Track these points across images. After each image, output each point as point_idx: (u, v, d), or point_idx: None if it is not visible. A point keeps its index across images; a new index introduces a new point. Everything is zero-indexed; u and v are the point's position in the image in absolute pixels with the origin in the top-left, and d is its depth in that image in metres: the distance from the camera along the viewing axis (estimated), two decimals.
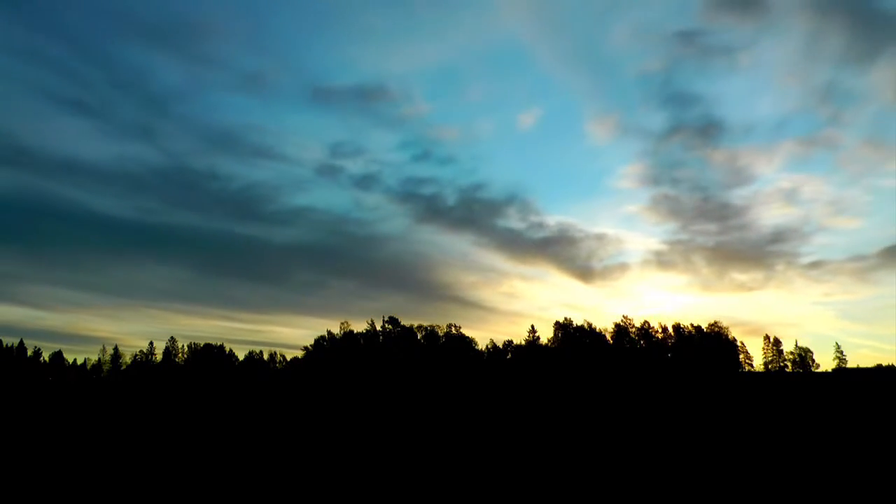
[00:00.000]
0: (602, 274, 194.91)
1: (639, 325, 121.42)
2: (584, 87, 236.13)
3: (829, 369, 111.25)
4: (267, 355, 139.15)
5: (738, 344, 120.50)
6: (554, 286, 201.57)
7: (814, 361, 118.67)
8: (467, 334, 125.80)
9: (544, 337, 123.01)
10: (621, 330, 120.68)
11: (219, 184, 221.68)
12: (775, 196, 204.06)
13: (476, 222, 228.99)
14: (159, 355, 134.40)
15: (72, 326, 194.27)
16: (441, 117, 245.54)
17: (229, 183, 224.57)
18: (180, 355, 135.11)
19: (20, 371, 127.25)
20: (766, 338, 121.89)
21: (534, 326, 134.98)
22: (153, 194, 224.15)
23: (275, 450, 18.90)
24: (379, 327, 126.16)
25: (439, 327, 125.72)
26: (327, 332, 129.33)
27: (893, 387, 55.75)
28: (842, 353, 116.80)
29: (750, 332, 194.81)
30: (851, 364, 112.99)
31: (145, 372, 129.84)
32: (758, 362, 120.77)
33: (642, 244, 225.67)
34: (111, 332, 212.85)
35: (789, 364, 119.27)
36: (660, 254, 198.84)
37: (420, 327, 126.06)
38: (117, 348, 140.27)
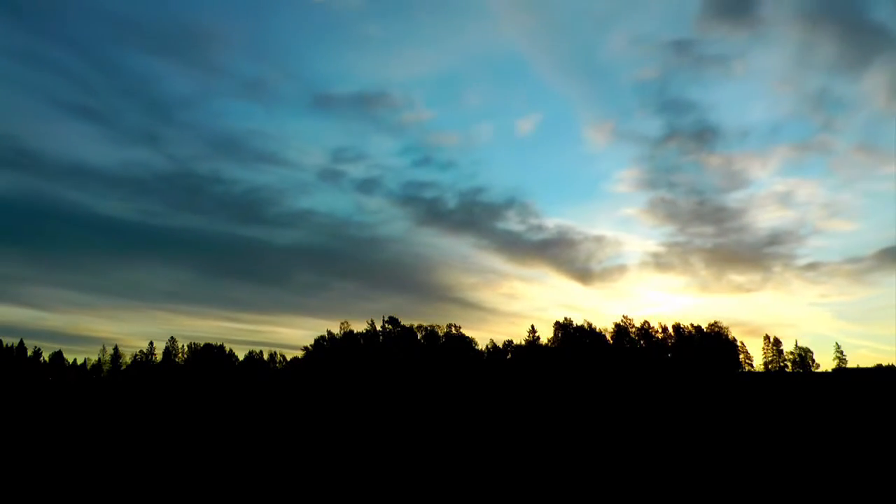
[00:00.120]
0: (601, 275, 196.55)
1: (639, 325, 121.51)
2: (581, 94, 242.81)
3: (829, 369, 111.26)
4: (267, 355, 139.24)
5: (738, 344, 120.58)
6: (553, 287, 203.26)
7: (814, 361, 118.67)
8: (467, 335, 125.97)
9: (544, 337, 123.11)
10: (621, 330, 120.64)
11: (222, 188, 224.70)
12: (770, 199, 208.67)
13: (476, 225, 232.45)
14: (159, 355, 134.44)
15: (73, 327, 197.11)
16: (441, 123, 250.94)
17: (232, 187, 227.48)
18: (180, 355, 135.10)
19: (20, 371, 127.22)
20: (766, 338, 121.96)
21: (534, 326, 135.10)
22: (157, 198, 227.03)
23: (274, 449, 18.88)
24: (379, 327, 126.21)
25: (439, 327, 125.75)
26: (327, 332, 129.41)
27: (893, 387, 55.75)
28: (842, 353, 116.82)
29: (748, 333, 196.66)
30: (851, 364, 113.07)
31: (145, 372, 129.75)
32: (758, 362, 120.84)
33: (640, 246, 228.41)
34: (113, 332, 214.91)
35: (789, 364, 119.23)
36: (658, 256, 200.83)
37: (420, 327, 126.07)
38: (117, 348, 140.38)
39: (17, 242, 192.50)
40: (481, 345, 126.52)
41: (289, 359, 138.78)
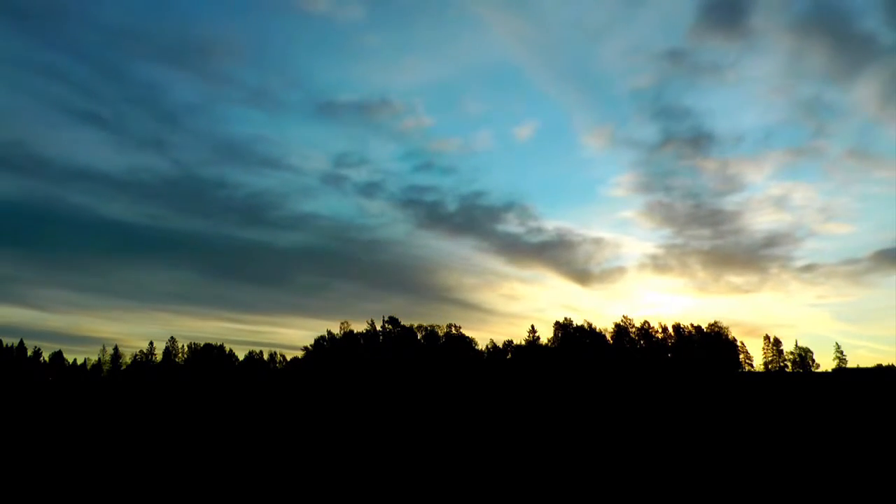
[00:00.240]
0: (600, 277, 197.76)
1: (639, 325, 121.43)
2: (577, 101, 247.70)
3: (829, 369, 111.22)
4: (267, 355, 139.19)
5: (739, 344, 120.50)
6: (553, 289, 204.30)
7: (814, 361, 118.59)
8: (467, 335, 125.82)
9: (544, 337, 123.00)
10: (621, 330, 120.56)
11: (226, 191, 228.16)
12: (766, 203, 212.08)
13: (476, 228, 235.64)
14: (159, 355, 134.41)
15: (76, 328, 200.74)
16: (441, 130, 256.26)
17: (236, 191, 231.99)
18: (180, 355, 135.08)
19: (20, 371, 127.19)
20: (766, 338, 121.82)
21: (534, 326, 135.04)
22: (162, 201, 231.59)
23: (274, 449, 18.86)
24: (379, 327, 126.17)
25: (439, 327, 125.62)
26: (327, 332, 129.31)
27: (894, 387, 55.74)
28: (842, 353, 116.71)
29: (747, 333, 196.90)
30: (851, 364, 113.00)
31: (145, 372, 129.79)
32: (758, 362, 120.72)
33: (638, 248, 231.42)
34: (115, 333, 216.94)
35: (789, 364, 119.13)
36: (656, 257, 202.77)
37: (420, 327, 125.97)
38: (117, 348, 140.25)
39: (21, 245, 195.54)
40: (481, 345, 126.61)
41: (289, 359, 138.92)
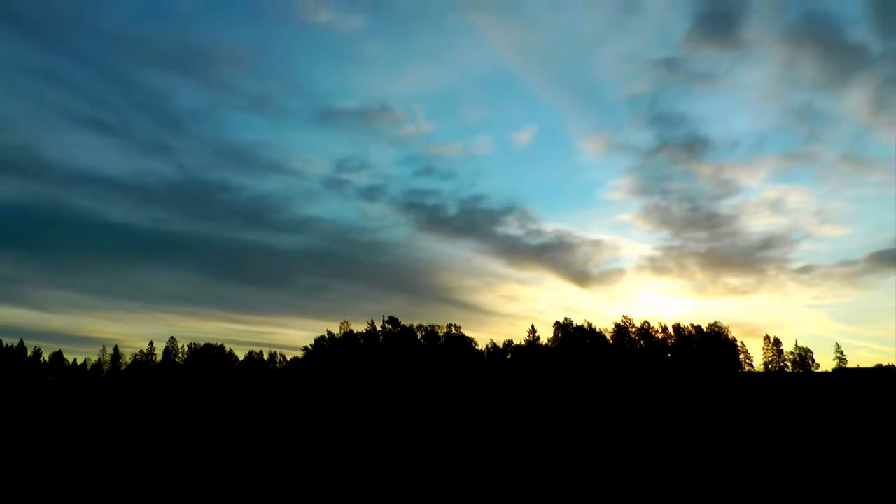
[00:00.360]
0: (598, 279, 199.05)
1: (639, 325, 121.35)
2: (574, 108, 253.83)
3: (829, 369, 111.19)
4: (267, 355, 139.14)
5: (739, 344, 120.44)
6: (552, 290, 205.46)
7: (814, 361, 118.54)
8: (467, 335, 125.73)
9: (544, 337, 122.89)
10: (621, 330, 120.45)
11: (229, 195, 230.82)
12: (762, 206, 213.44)
13: (476, 230, 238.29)
14: (160, 355, 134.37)
15: (78, 329, 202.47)
16: (441, 136, 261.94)
17: (239, 194, 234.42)
18: (180, 355, 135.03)
19: (20, 371, 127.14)
20: (766, 338, 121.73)
21: (534, 326, 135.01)
22: (166, 205, 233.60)
23: (274, 449, 18.85)
24: (379, 327, 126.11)
25: (439, 327, 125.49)
26: (327, 331, 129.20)
27: (894, 387, 55.73)
28: (842, 353, 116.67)
29: (746, 334, 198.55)
30: (850, 365, 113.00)
31: (145, 372, 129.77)
32: (758, 362, 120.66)
33: (636, 250, 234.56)
34: (117, 334, 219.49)
35: (789, 364, 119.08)
36: (654, 259, 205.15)
37: (420, 327, 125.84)
38: (117, 348, 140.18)
39: (25, 247, 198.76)
40: (481, 345, 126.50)
41: (289, 359, 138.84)
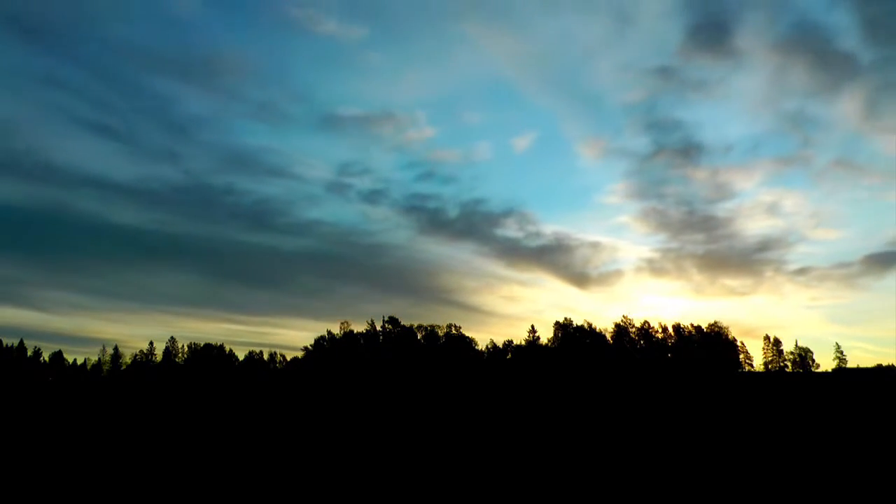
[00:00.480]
0: (597, 280, 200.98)
1: (639, 325, 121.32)
2: (571, 115, 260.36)
3: (829, 369, 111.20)
4: (267, 355, 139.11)
5: (739, 344, 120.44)
6: (552, 291, 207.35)
7: (814, 361, 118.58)
8: (467, 335, 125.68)
9: (544, 337, 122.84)
10: (621, 330, 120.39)
11: (233, 198, 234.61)
12: (757, 209, 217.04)
13: (476, 232, 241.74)
14: (160, 355, 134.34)
15: (80, 330, 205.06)
16: (442, 141, 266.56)
17: (243, 197, 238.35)
18: (180, 355, 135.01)
19: (19, 371, 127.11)
20: (766, 338, 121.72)
21: (534, 326, 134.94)
22: (171, 208, 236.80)
23: (274, 449, 18.84)
24: (379, 327, 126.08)
25: (439, 327, 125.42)
26: (327, 331, 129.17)
27: (894, 387, 55.74)
28: (842, 353, 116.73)
29: (744, 335, 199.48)
30: (848, 365, 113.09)
31: (145, 371, 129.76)
32: (758, 362, 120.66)
33: (634, 252, 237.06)
34: (119, 335, 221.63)
35: (789, 364, 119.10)
36: (652, 261, 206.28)
37: (420, 327, 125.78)
38: (117, 348, 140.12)
39: (28, 249, 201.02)
40: (481, 345, 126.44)
41: (289, 359, 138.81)
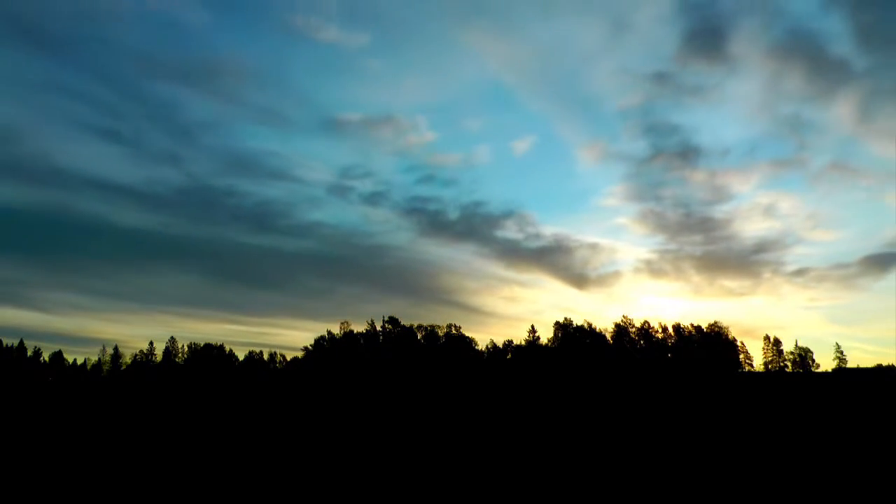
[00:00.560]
0: (597, 281, 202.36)
1: (639, 325, 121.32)
2: (569, 119, 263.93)
3: (829, 369, 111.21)
4: (267, 355, 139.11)
5: (739, 344, 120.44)
6: (551, 292, 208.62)
7: (814, 361, 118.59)
8: (467, 335, 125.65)
9: (544, 337, 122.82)
10: (621, 330, 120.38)
11: (235, 200, 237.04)
12: (755, 211, 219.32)
13: (476, 234, 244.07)
14: (160, 356, 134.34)
15: (81, 330, 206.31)
16: (443, 145, 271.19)
17: (245, 199, 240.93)
18: (180, 355, 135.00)
19: (19, 371, 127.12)
20: (766, 338, 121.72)
21: (534, 326, 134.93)
22: (174, 210, 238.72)
23: (274, 449, 18.84)
24: (379, 327, 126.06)
25: (439, 327, 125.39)
26: (327, 331, 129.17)
27: (894, 387, 55.75)
28: (842, 353, 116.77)
29: (743, 335, 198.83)
30: (848, 365, 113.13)
31: (145, 371, 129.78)
32: (758, 362, 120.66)
33: (633, 254, 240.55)
34: (119, 335, 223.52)
35: (789, 364, 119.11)
36: (651, 262, 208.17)
37: (420, 327, 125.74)
38: (117, 348, 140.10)
39: (30, 250, 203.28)
40: (481, 345, 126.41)
41: (289, 359, 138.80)
